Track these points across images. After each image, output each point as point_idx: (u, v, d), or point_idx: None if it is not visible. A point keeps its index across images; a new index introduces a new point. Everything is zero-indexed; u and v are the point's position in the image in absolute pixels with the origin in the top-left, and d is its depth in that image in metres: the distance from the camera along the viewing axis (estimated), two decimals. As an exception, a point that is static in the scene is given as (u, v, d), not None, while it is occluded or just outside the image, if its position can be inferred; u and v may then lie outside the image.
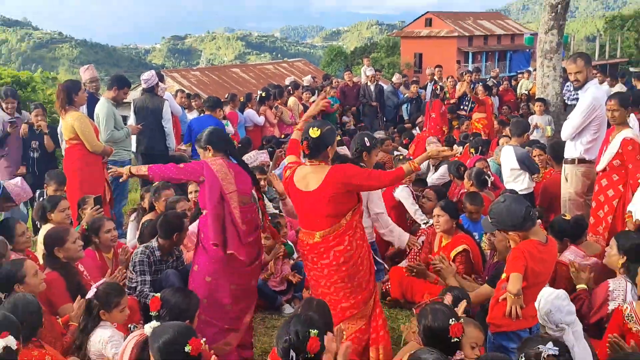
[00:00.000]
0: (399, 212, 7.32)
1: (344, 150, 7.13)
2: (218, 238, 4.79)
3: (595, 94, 6.51)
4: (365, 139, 5.58)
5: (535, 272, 3.98)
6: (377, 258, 5.63)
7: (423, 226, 6.97)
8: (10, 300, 3.88)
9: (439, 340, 3.50)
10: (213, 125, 9.69)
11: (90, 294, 4.41)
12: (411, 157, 9.73)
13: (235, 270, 4.91)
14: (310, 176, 4.55)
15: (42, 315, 3.99)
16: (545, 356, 2.84)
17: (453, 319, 3.54)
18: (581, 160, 6.65)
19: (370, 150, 5.50)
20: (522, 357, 2.88)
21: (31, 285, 4.49)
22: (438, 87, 14.87)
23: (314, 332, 3.26)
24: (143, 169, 4.92)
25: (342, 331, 3.77)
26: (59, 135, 8.15)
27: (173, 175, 4.89)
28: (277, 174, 6.56)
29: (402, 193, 7.00)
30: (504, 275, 4.17)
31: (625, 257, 4.82)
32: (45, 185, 7.32)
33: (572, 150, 6.72)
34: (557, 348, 2.90)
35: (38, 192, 7.68)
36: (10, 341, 3.24)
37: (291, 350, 3.23)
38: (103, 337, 4.20)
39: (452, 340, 3.48)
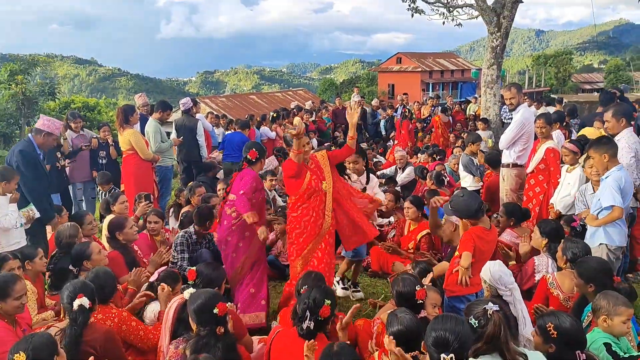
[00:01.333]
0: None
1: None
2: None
3: (524, 114, 6.52)
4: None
5: (481, 250, 3.99)
6: None
7: (388, 224, 6.96)
8: (93, 271, 3.85)
9: (408, 301, 3.49)
10: (240, 139, 9.79)
11: (153, 278, 4.38)
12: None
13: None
14: None
15: (116, 283, 3.99)
16: (490, 313, 2.82)
17: (418, 285, 3.54)
18: (514, 165, 6.65)
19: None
20: (472, 319, 2.85)
21: (96, 261, 4.48)
22: (407, 110, 14.87)
23: (327, 302, 3.27)
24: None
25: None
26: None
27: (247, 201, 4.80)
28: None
29: None
30: (457, 253, 4.18)
31: (547, 239, 4.83)
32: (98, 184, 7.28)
33: (507, 157, 6.72)
34: (497, 305, 2.88)
35: (98, 189, 7.60)
36: (84, 301, 3.22)
37: (307, 311, 3.23)
38: (156, 310, 4.19)
39: (418, 302, 3.49)
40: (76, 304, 3.20)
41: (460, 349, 2.50)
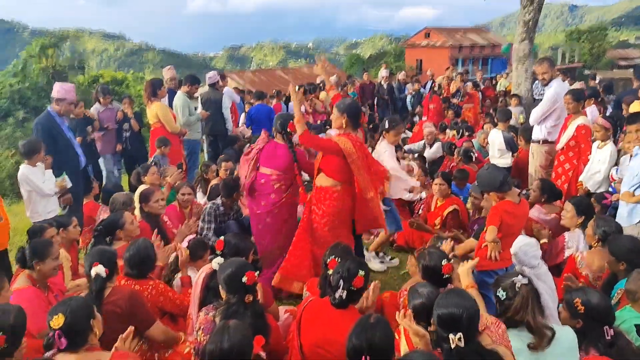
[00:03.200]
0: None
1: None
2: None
3: (557, 89, 6.39)
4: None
5: (508, 225, 3.94)
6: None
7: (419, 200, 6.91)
8: (135, 245, 3.90)
9: (434, 275, 3.49)
10: (267, 110, 9.79)
11: (183, 245, 4.47)
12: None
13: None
14: None
15: (156, 257, 4.07)
16: (518, 285, 2.82)
17: (445, 259, 3.54)
18: (545, 141, 6.56)
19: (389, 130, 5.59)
20: (500, 290, 2.86)
21: (128, 230, 4.59)
22: (437, 85, 14.74)
23: (362, 272, 3.30)
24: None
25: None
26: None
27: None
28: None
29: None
30: (485, 228, 4.15)
31: (583, 217, 4.75)
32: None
33: (537, 133, 6.63)
34: (527, 278, 2.88)
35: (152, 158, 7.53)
36: (100, 269, 3.31)
37: (341, 281, 3.27)
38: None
39: (444, 277, 3.49)
40: (93, 272, 3.31)
41: (469, 325, 2.45)
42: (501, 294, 2.81)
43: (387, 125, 5.59)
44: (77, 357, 2.62)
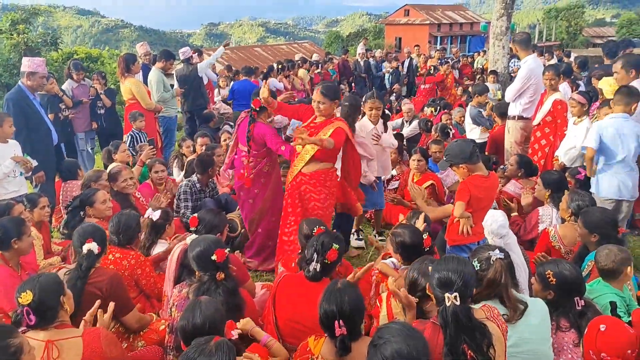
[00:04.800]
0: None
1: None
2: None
3: (531, 66, 6.40)
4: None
5: (479, 198, 3.86)
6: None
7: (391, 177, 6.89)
8: (119, 213, 3.95)
9: (411, 251, 3.48)
10: (251, 87, 9.71)
11: (155, 217, 4.39)
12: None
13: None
14: None
15: (140, 227, 4.05)
16: (493, 259, 2.83)
17: (424, 234, 3.54)
18: (520, 117, 6.57)
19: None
20: (475, 261, 2.87)
21: (98, 210, 4.52)
22: (429, 67, 14.53)
23: (336, 246, 3.28)
24: None
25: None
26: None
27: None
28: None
29: None
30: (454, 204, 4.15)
31: (550, 190, 4.81)
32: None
33: (513, 109, 6.64)
34: (503, 253, 2.89)
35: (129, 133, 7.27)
36: (93, 246, 3.25)
37: (315, 254, 3.26)
38: (159, 251, 4.28)
39: (425, 250, 3.49)
40: (85, 248, 3.23)
41: (464, 287, 2.48)
42: (476, 264, 2.83)
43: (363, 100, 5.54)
44: (47, 334, 2.56)
